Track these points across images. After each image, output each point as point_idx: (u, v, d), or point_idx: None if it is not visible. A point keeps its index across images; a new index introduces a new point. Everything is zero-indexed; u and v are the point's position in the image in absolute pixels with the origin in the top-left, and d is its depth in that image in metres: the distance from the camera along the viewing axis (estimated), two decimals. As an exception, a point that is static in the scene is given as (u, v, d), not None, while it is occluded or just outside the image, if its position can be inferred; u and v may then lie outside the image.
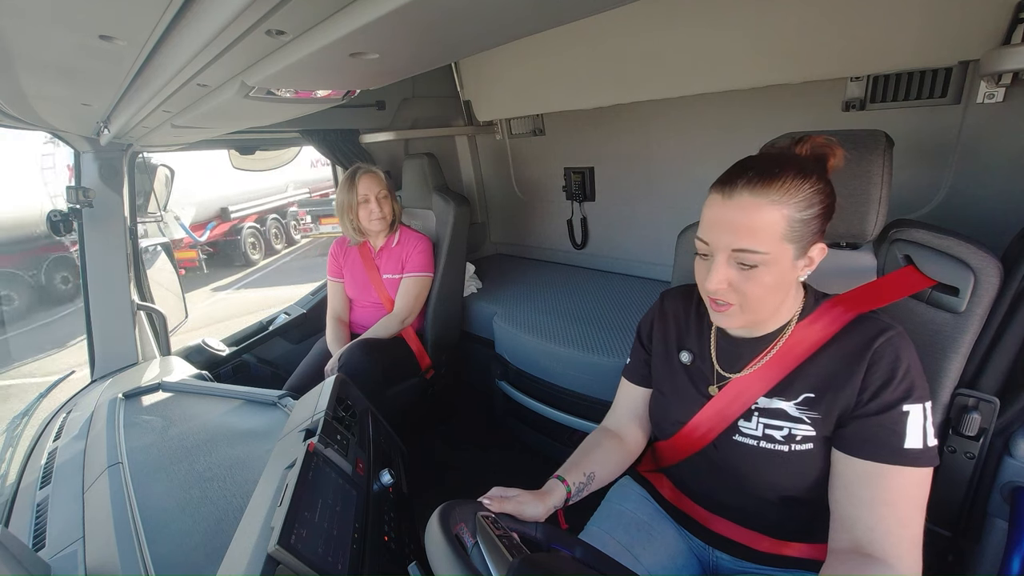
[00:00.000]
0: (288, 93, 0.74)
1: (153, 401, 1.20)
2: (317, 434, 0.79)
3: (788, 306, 0.73)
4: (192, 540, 0.72)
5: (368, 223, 1.73)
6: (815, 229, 0.65)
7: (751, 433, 0.73)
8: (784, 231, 0.62)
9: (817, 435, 0.68)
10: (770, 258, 0.63)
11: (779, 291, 0.67)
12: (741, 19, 1.36)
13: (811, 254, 0.67)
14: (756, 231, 0.62)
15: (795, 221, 0.62)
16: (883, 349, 0.64)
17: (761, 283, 0.65)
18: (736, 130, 1.64)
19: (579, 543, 0.64)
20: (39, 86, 0.81)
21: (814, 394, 0.69)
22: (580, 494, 0.79)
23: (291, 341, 2.16)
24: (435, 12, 0.45)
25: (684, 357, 0.83)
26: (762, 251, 0.62)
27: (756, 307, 0.68)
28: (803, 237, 0.64)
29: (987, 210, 1.21)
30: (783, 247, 0.63)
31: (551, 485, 0.77)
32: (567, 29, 1.68)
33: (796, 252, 0.65)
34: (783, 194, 0.62)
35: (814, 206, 0.63)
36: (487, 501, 0.68)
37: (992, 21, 1.03)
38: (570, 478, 0.78)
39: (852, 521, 0.62)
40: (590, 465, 0.82)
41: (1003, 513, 0.80)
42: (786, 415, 0.70)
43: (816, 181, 0.64)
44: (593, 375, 1.54)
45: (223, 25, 0.45)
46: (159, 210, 1.86)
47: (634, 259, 2.13)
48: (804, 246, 0.65)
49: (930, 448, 0.61)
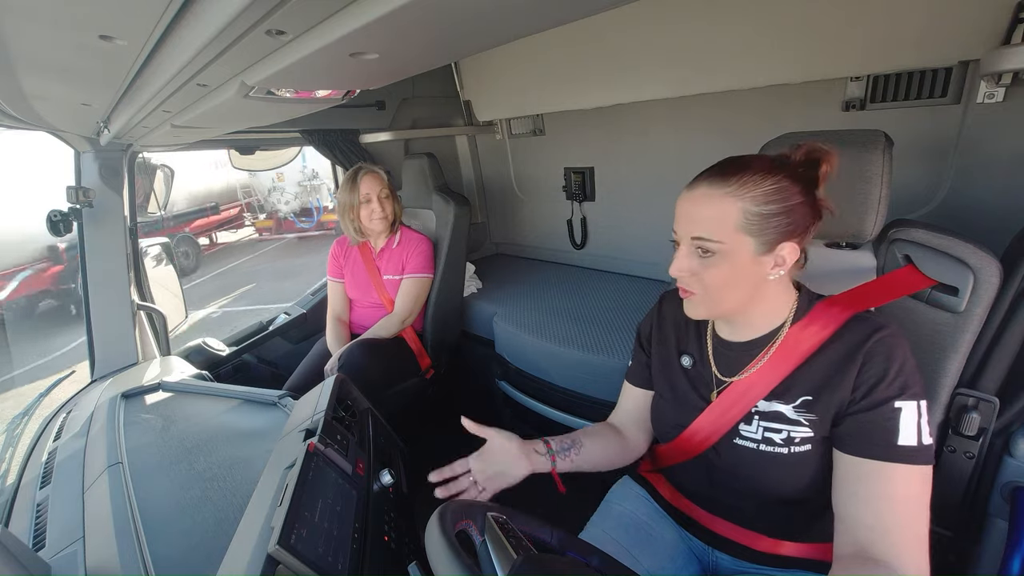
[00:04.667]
0: (288, 93, 0.74)
1: (153, 401, 1.20)
2: (317, 434, 0.79)
3: (779, 307, 0.73)
4: (192, 540, 0.72)
5: (369, 223, 1.73)
6: (779, 226, 0.65)
7: (751, 436, 0.73)
8: (739, 222, 0.65)
9: (815, 436, 0.68)
10: (726, 248, 0.65)
11: (740, 285, 0.68)
12: (741, 19, 1.36)
13: (781, 253, 0.67)
14: (711, 220, 0.66)
15: (751, 214, 0.64)
16: (876, 347, 0.64)
17: (719, 272, 0.67)
18: (736, 130, 1.64)
19: (596, 551, 0.64)
20: (39, 86, 0.81)
21: (811, 396, 0.69)
22: (565, 453, 0.83)
23: (291, 341, 2.16)
24: (435, 12, 0.45)
25: (685, 361, 0.84)
26: (716, 239, 0.65)
27: (716, 297, 0.70)
28: (763, 232, 0.65)
29: (987, 210, 1.21)
30: (740, 238, 0.65)
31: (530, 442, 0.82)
32: (567, 29, 1.68)
33: (757, 247, 0.65)
34: (739, 187, 0.65)
35: (774, 203, 0.64)
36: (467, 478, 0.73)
37: (992, 21, 1.03)
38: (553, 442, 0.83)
39: (853, 521, 0.62)
40: (576, 435, 0.86)
41: (1003, 513, 0.80)
42: (785, 418, 0.70)
43: (781, 180, 0.65)
44: (593, 375, 1.54)
45: (223, 25, 0.45)
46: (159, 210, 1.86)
47: (634, 259, 2.13)
48: (767, 242, 0.65)
49: (925, 446, 0.61)
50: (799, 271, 0.72)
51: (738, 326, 0.76)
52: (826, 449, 0.68)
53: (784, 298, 0.73)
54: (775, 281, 0.69)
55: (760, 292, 0.70)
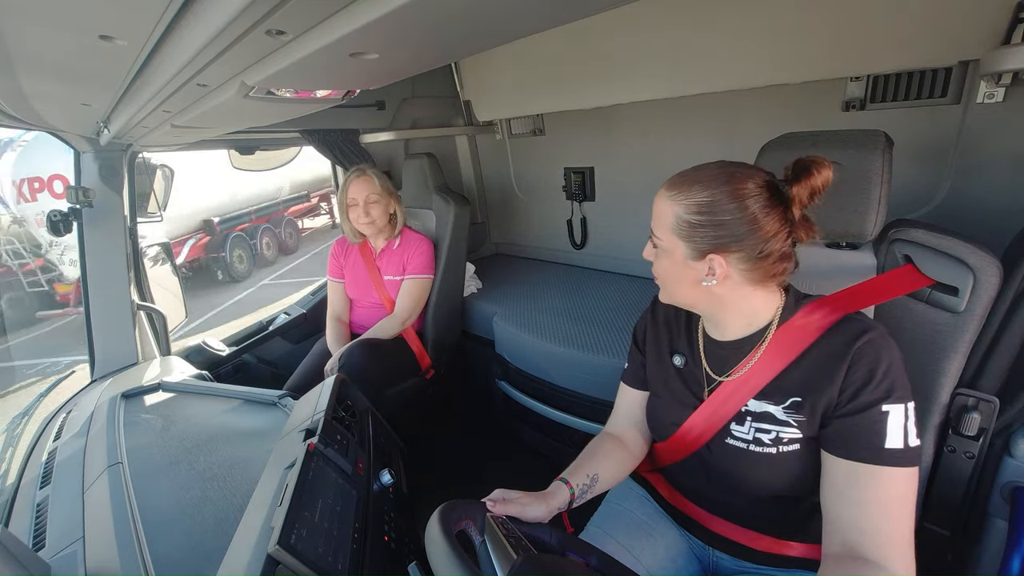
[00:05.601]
0: (288, 93, 0.74)
1: (153, 401, 1.20)
2: (317, 434, 0.79)
3: (760, 309, 0.73)
4: (192, 540, 0.72)
5: (357, 225, 1.75)
6: (706, 237, 0.67)
7: (742, 436, 0.74)
8: (671, 224, 0.70)
9: (803, 436, 0.69)
10: (664, 244, 0.72)
11: (681, 282, 0.73)
12: (741, 19, 1.36)
13: (710, 264, 0.69)
14: (657, 218, 0.73)
15: (681, 219, 0.69)
16: (864, 349, 0.65)
17: (662, 265, 0.75)
18: (736, 130, 1.64)
19: (595, 551, 0.64)
20: (39, 86, 0.81)
21: (800, 398, 0.69)
22: (584, 496, 0.79)
23: (291, 341, 2.16)
24: (435, 12, 0.45)
25: (677, 360, 0.85)
26: (658, 235, 0.73)
27: (667, 287, 0.77)
28: (692, 239, 0.69)
29: (987, 210, 1.21)
30: (673, 240, 0.71)
31: (555, 487, 0.77)
32: (567, 29, 1.68)
33: (688, 252, 0.70)
34: (677, 193, 0.70)
35: (703, 214, 0.67)
36: (490, 504, 0.68)
37: (992, 21, 1.03)
38: (574, 480, 0.78)
39: (841, 522, 0.62)
40: (593, 468, 0.82)
41: (1003, 513, 0.80)
42: (774, 419, 0.71)
43: (718, 195, 0.66)
44: (593, 375, 1.54)
45: (223, 25, 0.45)
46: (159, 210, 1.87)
47: (634, 259, 2.12)
48: (697, 250, 0.69)
49: (912, 448, 0.61)
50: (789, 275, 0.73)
51: (720, 326, 0.77)
52: (814, 448, 0.69)
53: (765, 300, 0.73)
54: (747, 285, 0.70)
55: (722, 295, 0.72)
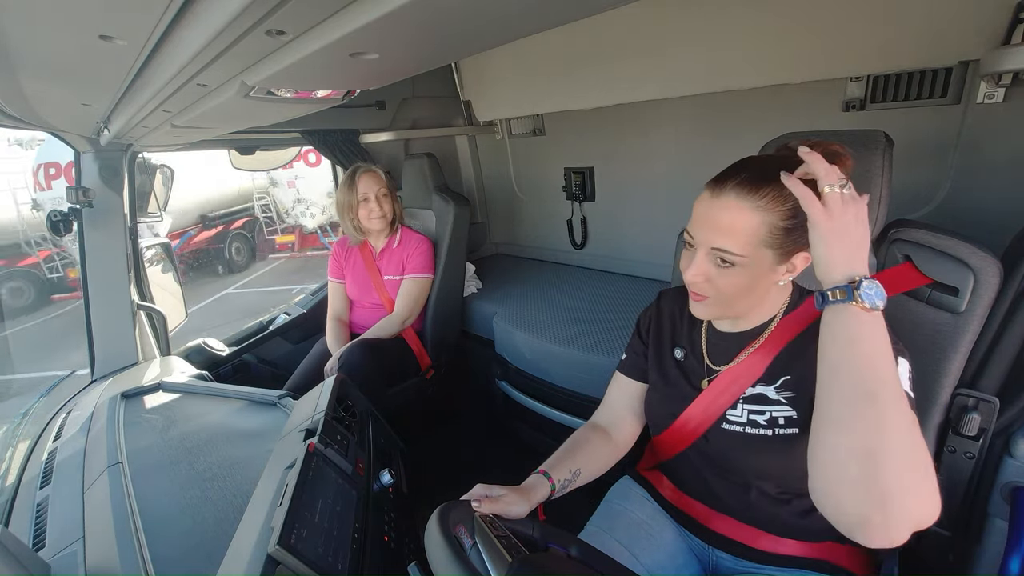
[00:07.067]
0: (288, 93, 0.74)
1: (153, 401, 1.20)
2: (317, 434, 0.79)
3: (772, 302, 0.76)
4: (192, 540, 0.72)
5: (368, 222, 1.74)
6: (798, 239, 0.65)
7: (737, 420, 0.75)
8: (764, 238, 0.64)
9: (799, 418, 0.70)
10: (747, 260, 0.65)
11: (753, 292, 0.70)
12: (741, 19, 1.36)
13: (794, 261, 0.67)
14: (736, 233, 0.64)
15: (777, 229, 0.63)
16: None
17: (735, 282, 0.67)
18: (736, 130, 1.64)
19: (576, 541, 0.65)
20: (39, 86, 0.81)
21: (790, 375, 0.71)
22: (564, 490, 0.79)
23: (291, 341, 2.16)
24: (435, 12, 0.45)
25: (677, 353, 0.86)
26: (739, 253, 0.64)
27: (728, 302, 0.71)
28: (784, 245, 0.65)
29: (987, 210, 1.21)
30: (761, 252, 0.65)
31: (535, 480, 0.76)
32: (567, 29, 1.68)
33: (775, 258, 0.66)
34: (768, 201, 0.63)
35: (799, 216, 0.63)
36: (475, 503, 0.67)
37: (992, 21, 1.03)
38: (556, 475, 0.78)
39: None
40: (576, 462, 0.82)
41: (1003, 513, 0.80)
42: (766, 399, 0.73)
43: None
44: (593, 375, 1.54)
45: (223, 25, 0.45)
46: (159, 210, 1.86)
47: (634, 259, 2.13)
48: (785, 253, 0.66)
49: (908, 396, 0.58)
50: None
51: (740, 320, 0.78)
52: None
53: (781, 294, 0.76)
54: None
55: (768, 289, 0.72)
